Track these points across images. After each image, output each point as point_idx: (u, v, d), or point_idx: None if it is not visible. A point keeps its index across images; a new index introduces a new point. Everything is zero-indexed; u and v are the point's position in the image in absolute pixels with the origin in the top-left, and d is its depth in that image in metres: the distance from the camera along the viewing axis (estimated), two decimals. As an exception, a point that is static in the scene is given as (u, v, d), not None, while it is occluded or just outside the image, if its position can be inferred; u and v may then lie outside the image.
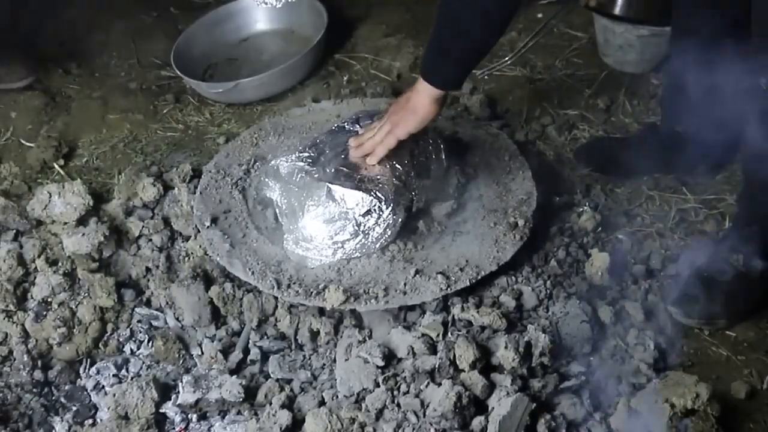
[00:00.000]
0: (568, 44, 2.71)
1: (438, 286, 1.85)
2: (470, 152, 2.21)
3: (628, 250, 2.06)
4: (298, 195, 1.94)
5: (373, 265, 1.92)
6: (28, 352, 1.93)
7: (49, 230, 2.13)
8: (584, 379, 1.75)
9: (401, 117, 1.88)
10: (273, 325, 1.95)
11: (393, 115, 1.90)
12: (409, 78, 2.62)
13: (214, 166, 2.21)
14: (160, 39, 2.84)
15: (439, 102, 1.85)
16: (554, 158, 2.31)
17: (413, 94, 1.86)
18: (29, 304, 2.01)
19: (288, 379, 1.85)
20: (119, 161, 2.43)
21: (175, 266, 2.07)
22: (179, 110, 2.60)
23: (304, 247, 1.93)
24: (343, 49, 2.77)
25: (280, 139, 2.28)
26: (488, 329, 1.80)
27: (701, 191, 2.21)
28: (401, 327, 1.83)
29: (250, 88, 2.54)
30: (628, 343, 1.84)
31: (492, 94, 2.54)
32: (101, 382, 1.90)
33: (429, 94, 1.83)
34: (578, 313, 1.85)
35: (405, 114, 1.87)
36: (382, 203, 1.90)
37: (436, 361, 1.73)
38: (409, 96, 1.87)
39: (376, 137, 1.92)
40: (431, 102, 1.84)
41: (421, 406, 1.69)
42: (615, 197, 2.21)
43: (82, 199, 2.11)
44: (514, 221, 1.99)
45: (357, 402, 1.74)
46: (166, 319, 2.00)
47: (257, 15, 2.84)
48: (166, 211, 2.16)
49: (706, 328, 1.90)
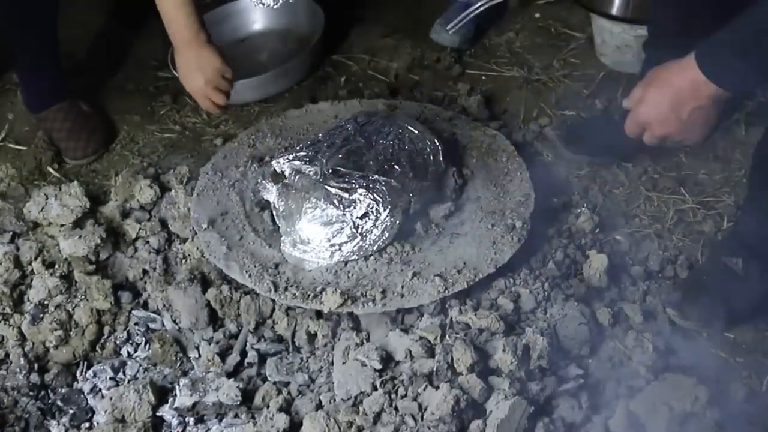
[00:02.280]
0: (566, 44, 2.70)
1: (436, 288, 1.85)
2: (468, 153, 2.20)
3: (626, 252, 2.05)
4: (296, 197, 1.94)
5: (370, 268, 1.91)
6: (24, 355, 1.93)
7: (45, 232, 2.12)
8: (583, 381, 1.75)
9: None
10: (270, 328, 1.94)
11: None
12: (407, 78, 2.62)
13: (212, 167, 2.20)
14: (156, 40, 2.82)
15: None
16: (552, 159, 2.30)
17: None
18: (26, 307, 2.00)
19: (285, 382, 1.85)
20: (116, 163, 2.42)
21: (172, 268, 2.06)
22: (176, 111, 2.59)
23: (302, 250, 1.92)
24: (340, 50, 2.76)
25: (278, 140, 2.27)
26: (486, 332, 1.79)
27: (699, 192, 2.20)
28: (399, 330, 1.83)
29: (247, 89, 2.53)
30: (626, 346, 1.83)
31: (490, 95, 2.53)
32: (98, 386, 1.89)
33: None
34: (576, 316, 1.84)
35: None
36: (379, 205, 1.89)
37: (434, 365, 1.72)
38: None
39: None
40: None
41: (419, 409, 1.68)
42: (613, 198, 2.20)
43: (78, 201, 2.10)
44: (511, 223, 1.98)
45: (355, 405, 1.73)
46: (163, 321, 1.99)
47: (254, 16, 2.83)
48: (163, 213, 2.16)
49: (704, 330, 1.89)
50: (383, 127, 2.07)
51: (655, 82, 1.52)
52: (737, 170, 2.24)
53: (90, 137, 2.44)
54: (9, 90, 2.65)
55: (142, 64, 2.77)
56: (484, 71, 2.64)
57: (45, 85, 2.44)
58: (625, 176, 2.25)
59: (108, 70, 2.76)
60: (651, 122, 1.54)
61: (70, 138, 2.41)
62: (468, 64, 2.67)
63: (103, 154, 2.46)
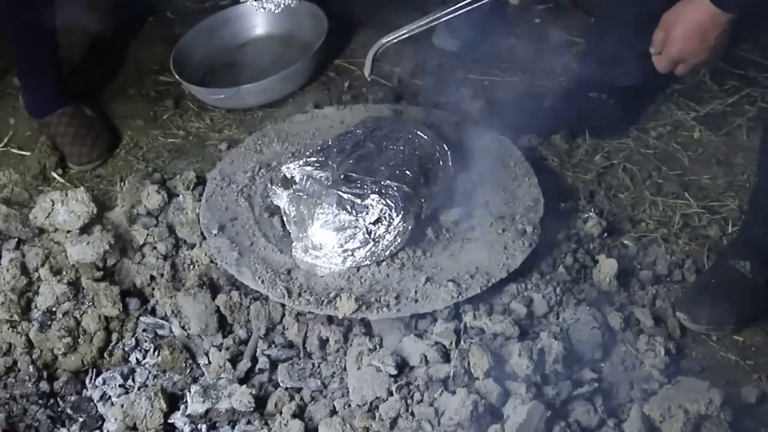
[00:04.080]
0: (567, 49, 2.71)
1: (449, 293, 1.85)
2: (475, 159, 2.20)
3: (633, 256, 2.07)
4: (307, 202, 1.93)
5: (383, 273, 1.91)
6: (32, 362, 1.91)
7: (52, 238, 2.10)
8: (597, 385, 1.76)
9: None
10: (281, 334, 1.94)
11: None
12: (410, 83, 2.62)
13: (219, 173, 2.19)
14: (158, 44, 2.82)
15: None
16: (558, 164, 2.31)
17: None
18: (33, 314, 1.98)
19: (298, 387, 1.84)
20: (120, 168, 2.41)
21: (179, 275, 2.05)
22: (179, 116, 2.57)
23: (314, 255, 1.92)
24: (342, 55, 2.76)
25: (284, 145, 2.27)
26: (500, 336, 1.80)
27: (703, 196, 2.22)
28: (413, 335, 1.83)
29: (251, 94, 2.52)
30: (638, 349, 1.84)
31: (493, 100, 2.54)
32: (107, 393, 1.88)
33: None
34: (589, 320, 1.85)
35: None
36: (392, 210, 1.89)
37: (450, 369, 1.72)
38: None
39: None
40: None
41: (436, 414, 1.68)
42: (619, 202, 2.22)
43: (85, 206, 2.08)
44: (522, 228, 1.99)
45: (370, 411, 1.73)
46: (172, 327, 1.98)
47: (256, 20, 2.81)
48: (170, 219, 2.14)
49: (714, 333, 1.91)
50: (393, 133, 2.07)
51: (678, 24, 1.75)
52: (740, 174, 2.27)
53: (95, 142, 2.42)
54: (10, 94, 2.62)
55: (143, 69, 2.75)
56: (486, 76, 2.65)
57: (47, 89, 2.42)
58: (630, 181, 2.27)
59: (108, 74, 2.74)
60: (686, 56, 1.78)
61: (75, 143, 2.39)
62: (470, 69, 2.67)
63: (108, 159, 2.44)
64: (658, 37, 1.81)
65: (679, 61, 1.80)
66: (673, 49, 1.78)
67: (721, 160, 2.32)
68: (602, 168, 2.30)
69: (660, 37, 1.80)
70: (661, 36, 1.80)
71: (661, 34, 1.80)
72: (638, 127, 2.41)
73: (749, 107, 2.42)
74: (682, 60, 1.80)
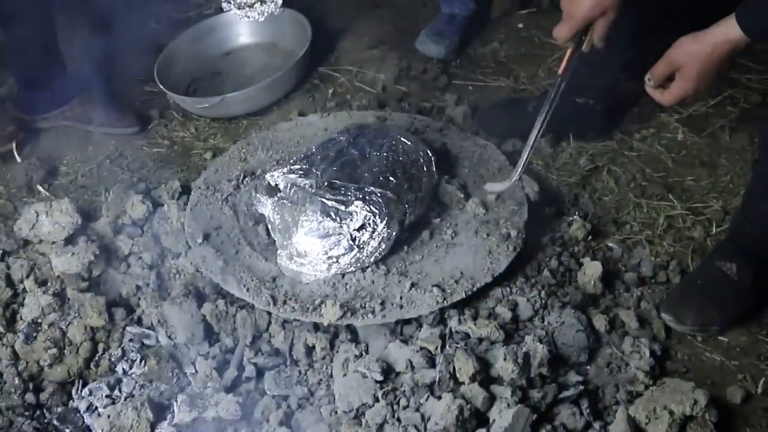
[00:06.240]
0: (550, 53, 2.73)
1: (434, 298, 1.85)
2: (459, 164, 2.21)
3: (618, 258, 2.08)
4: (291, 210, 1.93)
5: (368, 279, 1.92)
6: (18, 374, 1.90)
7: (36, 250, 2.10)
8: (582, 388, 1.76)
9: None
10: (267, 341, 1.93)
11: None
12: (394, 90, 2.63)
13: (204, 182, 2.19)
14: (142, 54, 2.81)
15: None
16: (542, 168, 2.32)
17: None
18: (18, 326, 1.98)
19: (284, 395, 1.84)
20: (105, 179, 2.40)
21: (165, 284, 2.05)
22: (164, 126, 2.58)
23: (299, 263, 1.92)
24: (326, 62, 2.77)
25: (269, 153, 2.28)
26: (486, 341, 1.81)
27: (687, 198, 2.23)
28: (399, 341, 1.83)
29: (235, 103, 2.53)
30: (623, 351, 1.85)
31: (477, 105, 2.55)
32: (94, 404, 1.87)
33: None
34: (573, 323, 1.86)
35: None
36: (376, 217, 1.89)
37: (436, 375, 1.73)
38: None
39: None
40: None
41: (422, 419, 1.68)
42: (603, 205, 2.23)
43: (70, 217, 2.09)
44: (506, 232, 2.00)
45: (357, 417, 1.73)
46: (158, 337, 1.97)
47: (240, 28, 2.83)
48: (155, 229, 2.14)
49: (699, 334, 1.91)
50: (376, 139, 2.08)
51: (693, 64, 1.64)
52: (723, 175, 2.28)
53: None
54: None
55: (128, 78, 2.75)
56: (470, 81, 2.66)
57: (47, 89, 2.46)
58: (614, 183, 2.28)
59: (92, 83, 2.73)
60: (700, 92, 1.70)
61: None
62: (454, 75, 2.69)
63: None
64: (660, 73, 1.69)
65: (689, 99, 1.74)
66: (689, 89, 1.67)
67: (704, 162, 2.33)
68: (586, 171, 2.31)
69: (663, 73, 1.69)
70: (664, 72, 1.68)
71: (666, 70, 1.68)
72: (622, 130, 2.42)
73: (732, 108, 2.44)
74: (691, 98, 1.72)
